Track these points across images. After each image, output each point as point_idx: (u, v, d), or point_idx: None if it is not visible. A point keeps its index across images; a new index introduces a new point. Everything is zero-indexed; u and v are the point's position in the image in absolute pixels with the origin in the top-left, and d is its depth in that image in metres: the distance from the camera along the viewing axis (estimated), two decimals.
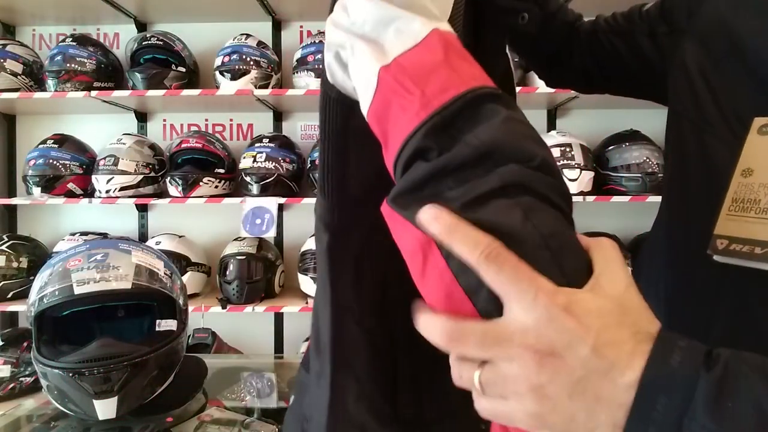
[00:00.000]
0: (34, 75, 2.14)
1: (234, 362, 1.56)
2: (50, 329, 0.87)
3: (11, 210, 2.39)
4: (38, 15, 2.29)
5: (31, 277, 1.89)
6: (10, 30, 2.38)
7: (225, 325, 2.15)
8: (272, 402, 1.12)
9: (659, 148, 1.96)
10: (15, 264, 2.05)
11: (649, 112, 1.92)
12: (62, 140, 2.13)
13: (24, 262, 2.07)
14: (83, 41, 2.11)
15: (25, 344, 1.84)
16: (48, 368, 0.81)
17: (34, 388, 1.76)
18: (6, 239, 2.10)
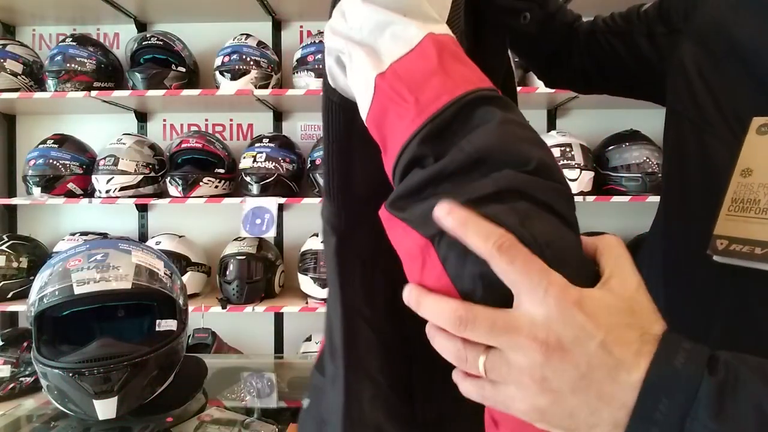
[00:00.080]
0: (34, 75, 2.14)
1: (234, 362, 1.56)
2: (50, 329, 0.87)
3: (11, 210, 2.39)
4: (38, 15, 2.29)
5: (31, 277, 1.89)
6: (10, 30, 2.38)
7: (225, 325, 2.14)
8: (272, 402, 1.12)
9: (659, 148, 1.96)
10: (15, 264, 2.05)
11: (649, 112, 1.92)
12: (62, 140, 2.13)
13: (24, 262, 2.07)
14: (83, 41, 2.11)
15: (25, 344, 1.84)
16: (48, 368, 0.81)
17: (34, 388, 1.76)
18: (6, 239, 2.10)
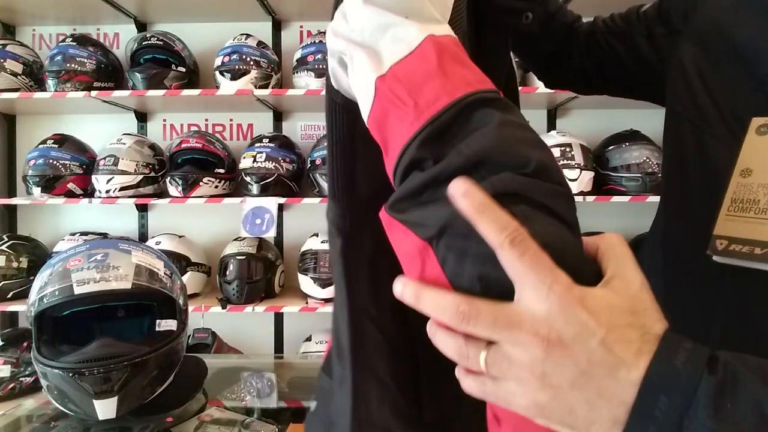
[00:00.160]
0: (34, 75, 2.14)
1: (234, 362, 1.56)
2: (50, 329, 0.87)
3: (11, 210, 2.39)
4: (38, 15, 2.29)
5: (31, 277, 1.89)
6: (10, 30, 2.38)
7: (225, 325, 2.14)
8: (272, 402, 1.12)
9: (659, 148, 1.96)
10: (15, 264, 2.05)
11: (649, 112, 1.92)
12: (62, 140, 2.13)
13: (24, 262, 2.07)
14: (83, 41, 2.11)
15: (25, 344, 1.84)
16: (48, 368, 0.81)
17: (34, 388, 1.76)
18: (6, 239, 2.10)
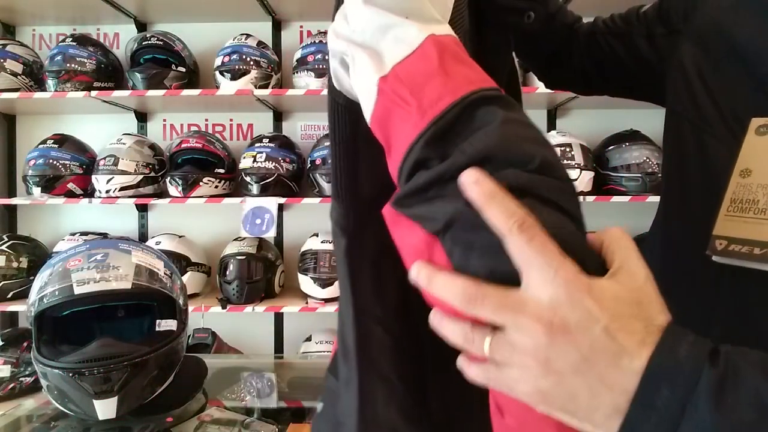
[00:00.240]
0: (34, 75, 2.14)
1: (234, 362, 1.56)
2: (50, 329, 0.87)
3: (11, 210, 2.39)
4: (38, 15, 2.29)
5: (31, 277, 1.89)
6: (10, 30, 2.38)
7: (225, 325, 2.14)
8: (272, 402, 1.12)
9: (659, 148, 1.96)
10: (15, 264, 2.05)
11: (649, 112, 1.92)
12: (62, 140, 2.13)
13: (24, 262, 2.07)
14: (83, 41, 2.11)
15: (25, 344, 1.84)
16: (48, 368, 0.81)
17: (34, 388, 1.76)
18: (6, 239, 2.10)
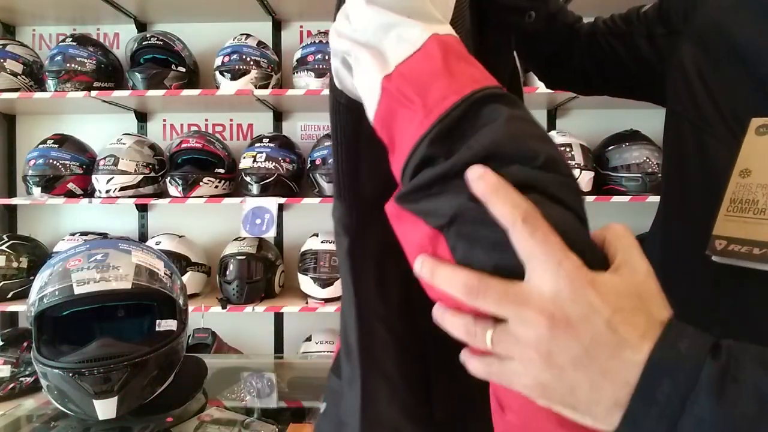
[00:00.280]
0: (34, 75, 2.14)
1: (234, 362, 1.56)
2: (50, 329, 0.87)
3: (11, 210, 2.39)
4: (38, 15, 2.28)
5: (31, 277, 1.89)
6: (10, 30, 2.38)
7: (225, 325, 2.15)
8: (272, 402, 1.12)
9: (659, 148, 1.96)
10: (15, 264, 2.05)
11: (649, 112, 1.92)
12: (62, 140, 2.13)
13: (24, 262, 2.07)
14: (83, 41, 2.11)
15: (25, 344, 1.84)
16: (48, 368, 0.81)
17: (34, 388, 1.76)
18: (6, 239, 2.10)
